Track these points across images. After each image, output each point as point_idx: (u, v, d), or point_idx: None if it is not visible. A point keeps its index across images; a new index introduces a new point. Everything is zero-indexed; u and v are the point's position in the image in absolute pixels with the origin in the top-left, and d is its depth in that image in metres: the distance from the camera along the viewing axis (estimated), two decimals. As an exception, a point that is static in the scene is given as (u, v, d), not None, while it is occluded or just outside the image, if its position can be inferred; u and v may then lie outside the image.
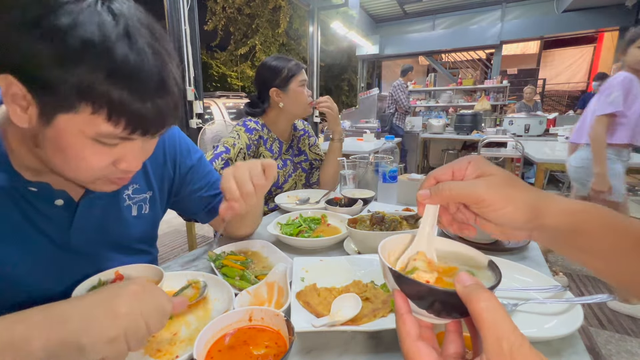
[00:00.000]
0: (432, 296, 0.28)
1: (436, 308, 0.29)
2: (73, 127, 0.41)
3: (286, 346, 0.41)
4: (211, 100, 5.14)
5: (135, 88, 0.39)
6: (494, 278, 0.31)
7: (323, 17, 4.27)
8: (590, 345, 1.57)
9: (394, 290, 0.31)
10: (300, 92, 1.24)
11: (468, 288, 0.26)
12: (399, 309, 0.31)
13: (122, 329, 0.37)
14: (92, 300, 0.39)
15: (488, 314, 0.24)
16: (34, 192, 0.51)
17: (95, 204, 0.59)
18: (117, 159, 0.46)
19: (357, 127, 4.84)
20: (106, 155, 0.44)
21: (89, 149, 0.43)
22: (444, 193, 0.35)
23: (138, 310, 0.38)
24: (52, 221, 0.54)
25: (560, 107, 9.53)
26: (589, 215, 0.34)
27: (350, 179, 1.19)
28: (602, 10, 5.44)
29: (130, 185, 0.64)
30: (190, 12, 2.14)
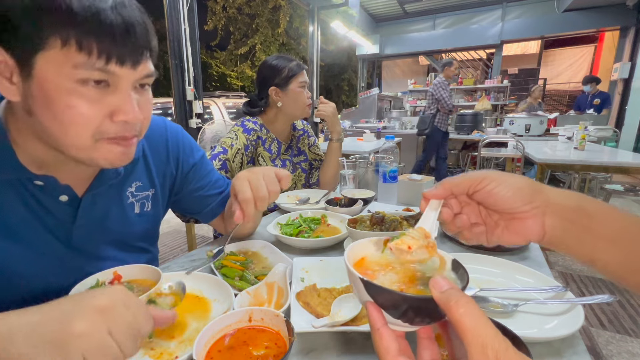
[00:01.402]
0: (406, 304, 0.27)
1: (410, 316, 0.28)
2: (52, 71, 0.40)
3: (286, 347, 0.41)
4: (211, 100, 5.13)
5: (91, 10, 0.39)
6: (460, 280, 0.30)
7: (323, 16, 4.27)
8: (591, 346, 1.57)
9: (366, 303, 0.29)
10: (299, 93, 1.23)
11: (445, 294, 0.25)
12: (374, 322, 0.29)
13: (79, 352, 0.31)
14: (45, 317, 0.32)
15: (470, 321, 0.23)
16: (39, 186, 0.51)
17: (98, 201, 0.59)
18: (112, 110, 0.44)
19: (357, 127, 4.85)
20: (96, 104, 0.43)
21: (75, 95, 0.41)
22: (447, 184, 0.36)
23: (103, 328, 0.32)
24: (56, 217, 0.54)
25: (561, 107, 9.52)
26: (592, 200, 0.34)
27: (350, 179, 1.19)
28: (603, 10, 5.44)
29: (133, 182, 0.64)
30: (190, 12, 2.14)
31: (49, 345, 0.30)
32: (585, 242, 0.34)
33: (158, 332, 0.49)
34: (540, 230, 0.35)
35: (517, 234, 0.36)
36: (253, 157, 1.24)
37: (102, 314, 0.33)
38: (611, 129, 3.90)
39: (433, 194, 0.37)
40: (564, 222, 0.34)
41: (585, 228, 0.33)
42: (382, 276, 0.32)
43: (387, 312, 0.28)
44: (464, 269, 0.31)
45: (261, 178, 0.61)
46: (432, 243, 0.33)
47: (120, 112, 0.45)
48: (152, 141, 0.67)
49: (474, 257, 0.69)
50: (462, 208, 0.39)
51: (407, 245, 0.32)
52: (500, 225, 0.38)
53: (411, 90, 7.59)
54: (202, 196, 0.77)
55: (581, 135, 2.62)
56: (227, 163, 1.13)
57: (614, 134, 4.11)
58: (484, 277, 0.64)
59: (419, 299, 0.27)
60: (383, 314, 0.29)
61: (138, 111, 0.46)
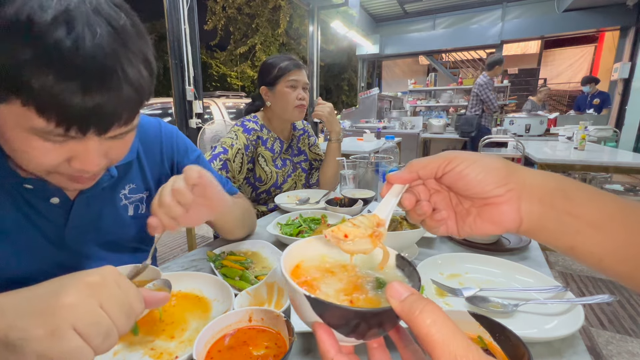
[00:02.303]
0: (360, 319, 0.23)
1: (362, 331, 0.24)
2: (9, 119, 0.38)
3: (286, 347, 0.41)
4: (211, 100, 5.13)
5: (65, 78, 0.35)
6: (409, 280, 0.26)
7: (323, 16, 4.27)
8: (591, 346, 1.57)
9: (314, 324, 0.24)
10: (286, 93, 1.19)
11: (407, 302, 0.21)
12: (326, 351, 0.24)
13: (69, 322, 0.30)
14: (35, 292, 0.32)
15: (438, 332, 0.20)
16: (29, 189, 0.51)
17: (91, 203, 0.58)
18: (70, 157, 0.42)
19: (357, 127, 4.84)
20: (53, 152, 0.41)
21: (31, 142, 0.39)
22: (414, 166, 0.33)
23: (94, 301, 0.31)
24: (48, 219, 0.54)
25: (561, 107, 9.52)
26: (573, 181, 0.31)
27: (350, 179, 1.19)
28: (603, 10, 5.44)
29: (127, 184, 0.64)
30: (190, 12, 2.14)
31: (38, 315, 0.30)
32: (566, 229, 0.30)
33: (158, 332, 0.49)
34: (517, 217, 0.31)
35: (491, 221, 0.32)
36: (253, 157, 1.24)
37: (93, 288, 0.32)
38: (611, 129, 3.89)
39: (397, 177, 0.33)
40: (542, 207, 0.30)
41: (566, 212, 0.29)
42: (324, 286, 0.27)
43: (337, 331, 0.24)
44: (411, 266, 0.27)
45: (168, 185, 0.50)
46: (379, 232, 0.29)
47: (77, 161, 0.43)
48: (147, 143, 0.67)
49: (474, 257, 0.69)
50: (430, 196, 0.36)
51: (344, 233, 0.28)
52: (472, 213, 0.34)
53: (411, 90, 7.59)
54: None
55: (581, 135, 2.62)
56: (228, 163, 1.13)
57: (614, 134, 4.10)
58: (484, 277, 0.64)
59: (377, 312, 0.23)
60: (335, 338, 0.24)
61: (98, 163, 0.44)
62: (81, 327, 0.30)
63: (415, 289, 0.23)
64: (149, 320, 0.51)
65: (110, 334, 0.32)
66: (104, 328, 0.31)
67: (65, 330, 0.29)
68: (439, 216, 0.35)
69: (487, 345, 0.41)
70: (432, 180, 0.35)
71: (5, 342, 0.29)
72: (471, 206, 0.34)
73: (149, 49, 0.43)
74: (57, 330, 0.29)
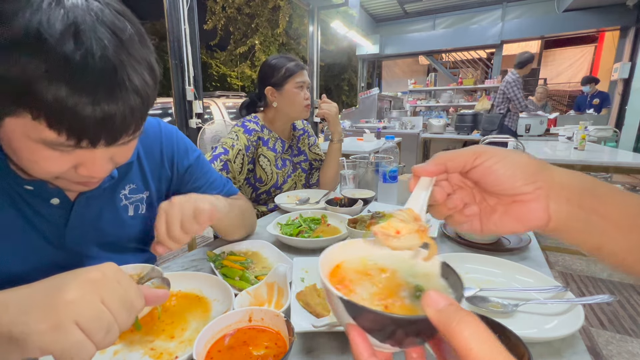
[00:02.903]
0: (395, 326, 0.23)
1: (399, 338, 0.23)
2: (19, 131, 0.38)
3: (286, 347, 0.41)
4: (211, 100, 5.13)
5: (76, 92, 0.36)
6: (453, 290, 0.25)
7: (323, 16, 4.27)
8: (591, 346, 1.57)
9: (348, 326, 0.24)
10: (295, 93, 1.22)
11: (443, 313, 0.21)
12: (359, 354, 0.24)
13: (71, 317, 0.30)
14: (37, 288, 0.33)
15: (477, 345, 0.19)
16: (29, 190, 0.51)
17: (91, 204, 0.58)
18: (77, 164, 0.43)
19: (357, 127, 4.84)
20: (61, 160, 0.42)
21: (40, 152, 0.40)
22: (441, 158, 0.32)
23: (96, 297, 0.32)
24: (48, 220, 0.54)
25: (561, 107, 9.52)
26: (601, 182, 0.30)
27: (350, 179, 1.19)
28: (603, 10, 5.44)
29: (127, 185, 0.64)
30: (190, 12, 2.14)
31: (41, 310, 0.30)
32: (593, 229, 0.29)
33: (158, 332, 0.49)
34: (544, 215, 0.30)
35: (517, 219, 0.31)
36: (254, 157, 1.24)
37: (94, 284, 0.33)
38: (611, 129, 3.90)
39: (424, 169, 0.32)
40: (570, 206, 0.29)
41: (594, 212, 0.29)
42: (360, 288, 0.27)
43: (372, 335, 0.24)
44: (456, 275, 0.26)
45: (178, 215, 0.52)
46: (424, 226, 0.28)
47: (84, 168, 0.44)
48: (147, 144, 0.67)
49: (474, 257, 0.69)
50: (454, 191, 0.35)
51: (395, 229, 0.27)
52: (497, 211, 0.33)
53: (411, 90, 7.59)
54: None
55: (581, 135, 2.62)
56: (229, 164, 1.13)
57: (614, 134, 4.11)
58: (484, 277, 0.64)
59: (411, 320, 0.22)
60: (368, 341, 0.24)
61: (106, 169, 0.46)
62: (83, 322, 0.30)
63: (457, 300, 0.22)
64: (149, 320, 0.51)
65: (111, 329, 0.32)
66: (106, 323, 0.32)
67: (68, 325, 0.30)
68: (469, 211, 0.34)
69: (487, 345, 0.41)
70: (455, 175, 0.34)
71: (9, 336, 0.30)
72: (497, 203, 0.33)
73: (152, 55, 0.43)
74: (60, 325, 0.30)
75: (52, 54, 0.34)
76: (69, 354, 0.30)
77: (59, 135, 0.38)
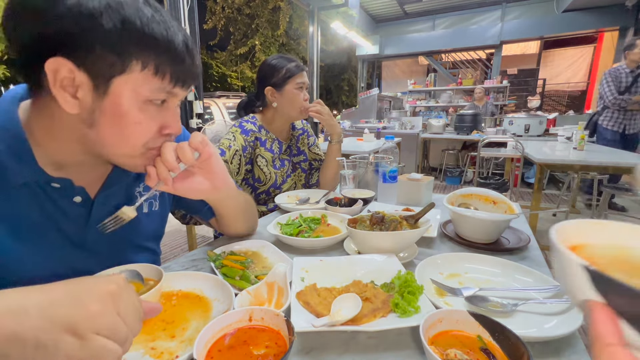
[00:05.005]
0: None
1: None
2: (128, 89, 0.45)
3: (286, 346, 0.41)
4: (211, 100, 5.14)
5: (169, 40, 0.45)
6: None
7: (323, 17, 4.27)
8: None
9: (590, 304, 0.19)
10: (295, 94, 1.22)
11: None
12: (604, 335, 0.18)
13: (93, 329, 0.32)
14: (55, 297, 0.33)
15: None
16: (55, 188, 0.52)
17: (110, 202, 0.60)
18: (162, 125, 0.51)
19: (357, 127, 4.85)
20: (155, 120, 0.49)
21: (143, 112, 0.47)
22: None
23: (114, 309, 0.34)
24: (70, 218, 0.55)
25: (561, 107, 9.53)
26: None
27: (350, 179, 1.19)
28: (602, 10, 5.45)
29: (141, 182, 0.66)
30: (190, 12, 2.14)
31: (65, 321, 0.31)
32: None
33: (159, 332, 0.49)
34: None
35: None
36: (252, 158, 1.24)
37: (113, 297, 0.35)
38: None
39: None
40: None
41: None
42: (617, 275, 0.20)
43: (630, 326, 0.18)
44: None
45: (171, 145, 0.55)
46: None
47: (168, 127, 0.52)
48: None
49: (474, 257, 0.69)
50: None
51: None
52: None
53: (411, 90, 7.60)
54: None
55: (580, 135, 2.62)
56: (226, 165, 1.13)
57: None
58: (483, 277, 0.65)
59: None
60: (619, 326, 0.19)
61: (179, 127, 0.54)
62: (104, 333, 0.32)
63: None
64: (150, 320, 0.51)
65: (127, 340, 0.35)
66: (123, 335, 0.34)
67: (92, 336, 0.32)
68: None
69: (487, 345, 0.41)
70: None
71: (36, 342, 0.30)
72: None
73: None
74: (84, 336, 0.31)
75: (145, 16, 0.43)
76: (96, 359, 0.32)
77: (163, 80, 0.46)
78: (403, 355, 0.46)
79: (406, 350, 0.46)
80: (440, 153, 5.40)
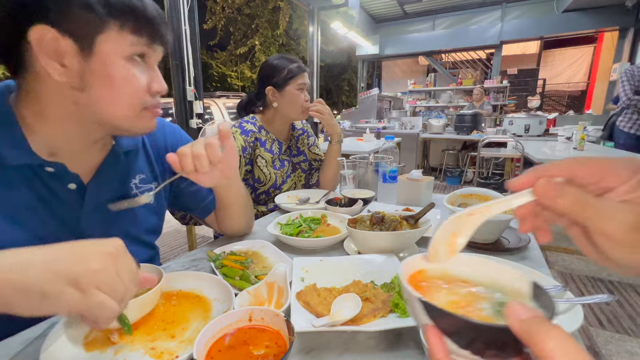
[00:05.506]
0: (474, 333, 0.22)
1: (478, 347, 0.23)
2: (111, 47, 0.47)
3: (286, 346, 0.41)
4: (211, 100, 5.13)
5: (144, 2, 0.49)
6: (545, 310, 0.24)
7: (323, 17, 4.27)
8: (590, 345, 1.57)
9: (425, 327, 0.25)
10: (296, 95, 1.22)
11: (527, 323, 0.20)
12: (435, 352, 0.24)
13: (94, 283, 0.35)
14: (58, 255, 0.36)
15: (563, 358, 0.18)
16: (49, 172, 0.53)
17: (103, 189, 0.60)
18: (149, 83, 0.53)
19: (357, 127, 4.85)
20: (141, 77, 0.51)
21: (129, 69, 0.50)
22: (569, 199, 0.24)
23: (113, 269, 0.37)
24: (64, 204, 0.56)
25: (561, 107, 9.53)
26: None
27: (350, 179, 1.19)
28: (602, 11, 5.45)
29: (137, 174, 0.67)
30: (190, 12, 2.14)
31: (68, 274, 0.34)
32: None
33: (159, 332, 0.49)
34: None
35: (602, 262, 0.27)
36: (252, 158, 1.24)
37: (112, 258, 0.37)
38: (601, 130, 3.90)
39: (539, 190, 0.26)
40: None
41: None
42: (439, 295, 0.28)
43: (451, 339, 0.24)
44: (548, 297, 0.24)
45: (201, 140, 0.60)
46: None
47: (155, 83, 0.54)
48: (152, 136, 0.71)
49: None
50: None
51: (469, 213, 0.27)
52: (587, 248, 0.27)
53: (411, 90, 7.60)
54: (198, 191, 0.80)
55: (580, 135, 2.62)
56: None
57: (613, 134, 4.10)
58: (483, 277, 0.65)
59: (490, 327, 0.22)
60: (444, 342, 0.24)
61: (164, 84, 0.56)
62: (103, 289, 0.35)
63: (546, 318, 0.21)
64: (150, 320, 0.51)
65: (123, 299, 0.38)
66: (120, 293, 0.37)
67: (92, 289, 0.35)
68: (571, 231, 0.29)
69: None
70: None
71: (40, 293, 0.33)
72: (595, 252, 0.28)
73: None
74: (86, 289, 0.34)
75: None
76: (94, 312, 0.35)
77: (140, 37, 0.49)
78: (403, 355, 0.46)
79: (406, 350, 0.46)
80: (440, 153, 5.40)
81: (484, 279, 0.30)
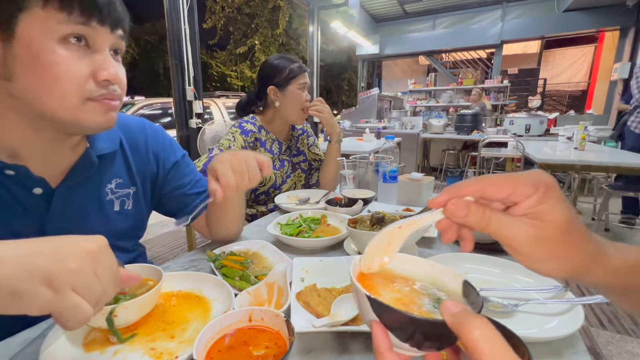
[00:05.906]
0: (415, 326, 0.25)
1: (418, 339, 0.26)
2: (36, 28, 0.42)
3: (286, 346, 0.41)
4: (211, 100, 5.13)
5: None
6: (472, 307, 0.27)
7: (323, 16, 4.27)
8: (591, 346, 1.57)
9: (372, 322, 0.27)
10: (298, 94, 1.23)
11: (457, 316, 0.23)
12: (378, 345, 0.26)
13: (70, 284, 0.32)
14: (36, 249, 0.33)
15: (485, 344, 0.21)
16: (11, 175, 0.50)
17: (74, 194, 0.58)
18: (94, 69, 0.47)
19: (357, 127, 4.84)
20: (79, 61, 0.46)
21: (61, 53, 0.44)
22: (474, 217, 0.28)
23: (91, 269, 0.34)
24: (29, 210, 0.53)
25: (561, 107, 9.52)
26: None
27: (350, 179, 1.19)
28: (603, 10, 5.44)
29: (113, 179, 0.64)
30: (190, 12, 2.14)
31: (42, 272, 0.31)
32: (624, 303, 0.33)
33: (158, 332, 0.49)
34: None
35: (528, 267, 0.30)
36: (251, 158, 1.23)
37: (91, 257, 0.34)
38: (611, 129, 3.90)
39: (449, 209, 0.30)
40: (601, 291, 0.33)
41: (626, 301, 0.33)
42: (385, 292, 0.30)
43: (394, 334, 0.26)
44: (477, 294, 0.27)
45: (244, 164, 0.61)
46: None
47: (102, 70, 0.47)
48: (132, 139, 0.67)
49: (474, 257, 0.69)
50: None
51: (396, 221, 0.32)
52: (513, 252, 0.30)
53: (411, 90, 7.59)
54: (184, 194, 0.76)
55: (581, 135, 2.62)
56: None
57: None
58: (484, 277, 0.64)
59: (429, 322, 0.25)
60: (389, 336, 0.26)
61: (118, 72, 0.49)
62: (79, 290, 0.33)
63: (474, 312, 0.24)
64: (149, 320, 0.51)
65: (99, 302, 0.35)
66: (97, 294, 0.34)
67: (67, 290, 0.32)
68: None
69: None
70: None
71: (11, 291, 0.31)
72: None
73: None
74: (60, 290, 0.31)
75: None
76: (67, 315, 0.32)
77: (70, 15, 0.43)
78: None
79: (406, 351, 0.46)
80: (441, 153, 5.40)
81: (425, 277, 0.33)
